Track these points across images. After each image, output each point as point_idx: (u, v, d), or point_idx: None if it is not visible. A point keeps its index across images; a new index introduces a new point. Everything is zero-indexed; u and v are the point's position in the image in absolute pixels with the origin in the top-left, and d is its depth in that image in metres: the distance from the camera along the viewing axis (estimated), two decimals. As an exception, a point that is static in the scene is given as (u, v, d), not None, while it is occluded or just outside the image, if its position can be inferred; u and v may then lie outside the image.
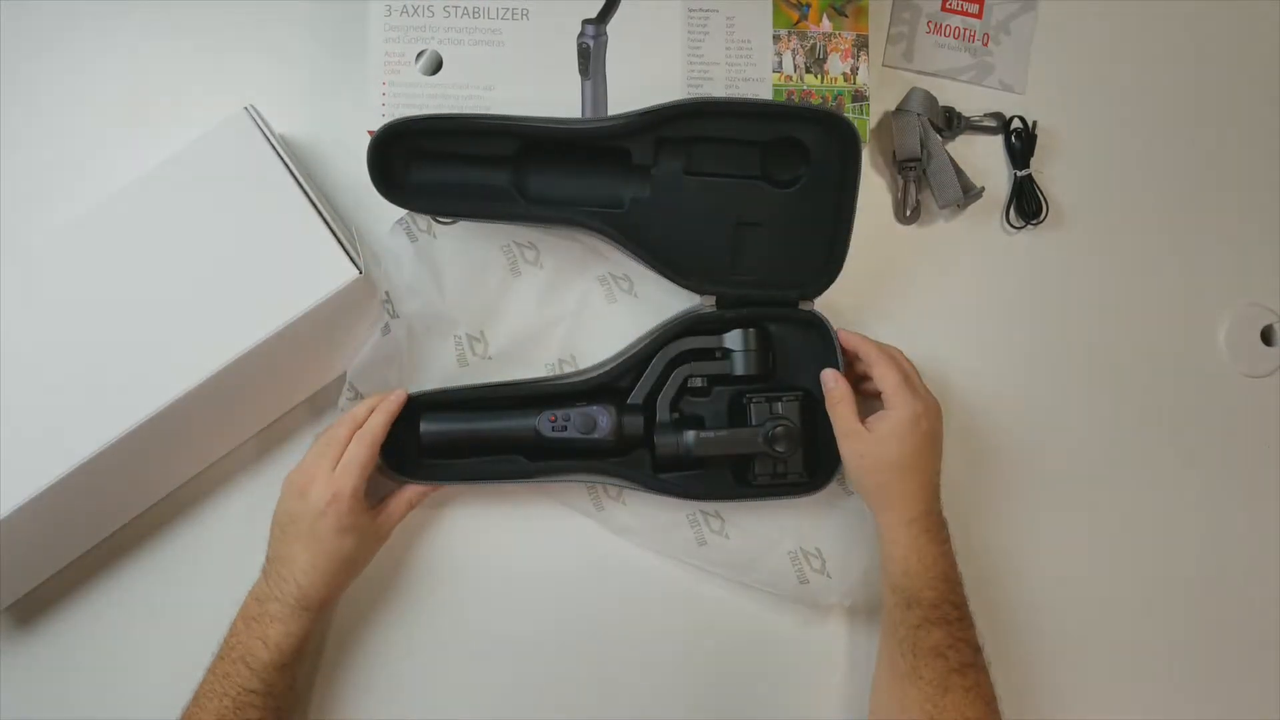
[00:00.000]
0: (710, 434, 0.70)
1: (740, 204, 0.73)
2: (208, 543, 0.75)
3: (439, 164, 0.71)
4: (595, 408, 0.70)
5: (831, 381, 0.70)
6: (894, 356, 0.71)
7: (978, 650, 0.65)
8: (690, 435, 0.70)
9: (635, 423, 0.71)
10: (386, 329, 0.74)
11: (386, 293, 0.74)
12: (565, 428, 0.70)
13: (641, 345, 0.73)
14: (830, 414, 0.70)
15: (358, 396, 0.73)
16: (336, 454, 0.67)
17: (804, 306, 0.74)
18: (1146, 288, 0.83)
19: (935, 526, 0.67)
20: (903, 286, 0.81)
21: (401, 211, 0.74)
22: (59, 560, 0.73)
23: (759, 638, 0.76)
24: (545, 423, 0.70)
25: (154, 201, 0.69)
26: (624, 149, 0.71)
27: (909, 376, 0.69)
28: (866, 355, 0.70)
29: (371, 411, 0.69)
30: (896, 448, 0.67)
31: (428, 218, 0.76)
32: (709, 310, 0.74)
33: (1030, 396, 0.81)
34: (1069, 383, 0.82)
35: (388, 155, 0.70)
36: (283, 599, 0.65)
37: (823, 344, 0.73)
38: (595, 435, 0.70)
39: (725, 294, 0.74)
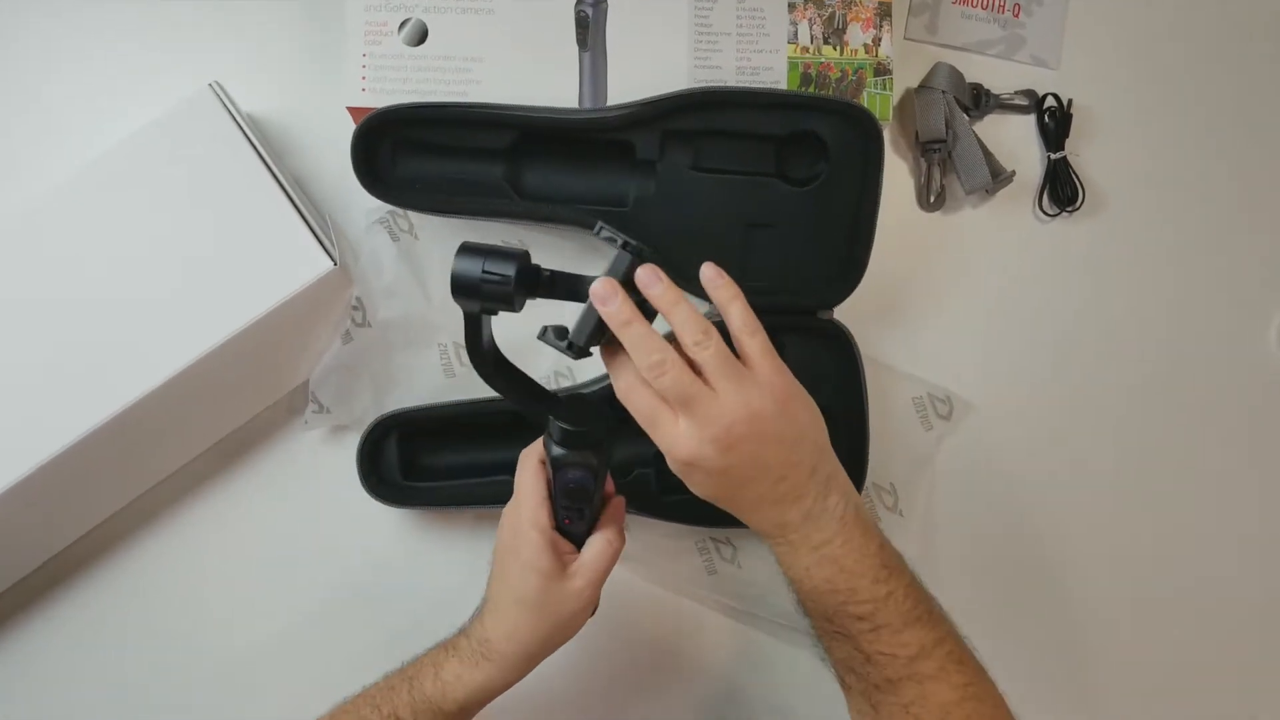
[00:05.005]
0: None
1: (753, 203, 0.70)
2: (169, 555, 0.73)
3: (427, 156, 0.70)
4: (579, 473, 0.55)
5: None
6: (684, 326, 0.52)
7: (918, 658, 0.52)
8: None
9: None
10: (348, 336, 0.72)
11: (357, 298, 0.72)
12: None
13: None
14: None
15: (322, 409, 0.71)
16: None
17: (823, 316, 0.72)
18: (1191, 280, 0.80)
19: (798, 540, 0.53)
20: (925, 278, 0.78)
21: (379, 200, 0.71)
22: (11, 574, 0.71)
23: (773, 672, 0.74)
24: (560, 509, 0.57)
25: (109, 188, 0.67)
26: (627, 142, 0.70)
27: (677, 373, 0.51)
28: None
29: None
30: (693, 482, 0.54)
31: (409, 215, 0.74)
32: (719, 319, 0.69)
33: (1065, 395, 0.79)
34: (1107, 380, 0.79)
35: (372, 147, 0.69)
36: (470, 636, 0.58)
37: (844, 356, 0.71)
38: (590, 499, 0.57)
39: (736, 301, 0.71)
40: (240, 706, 0.71)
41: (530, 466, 0.58)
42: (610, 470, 0.63)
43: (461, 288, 0.49)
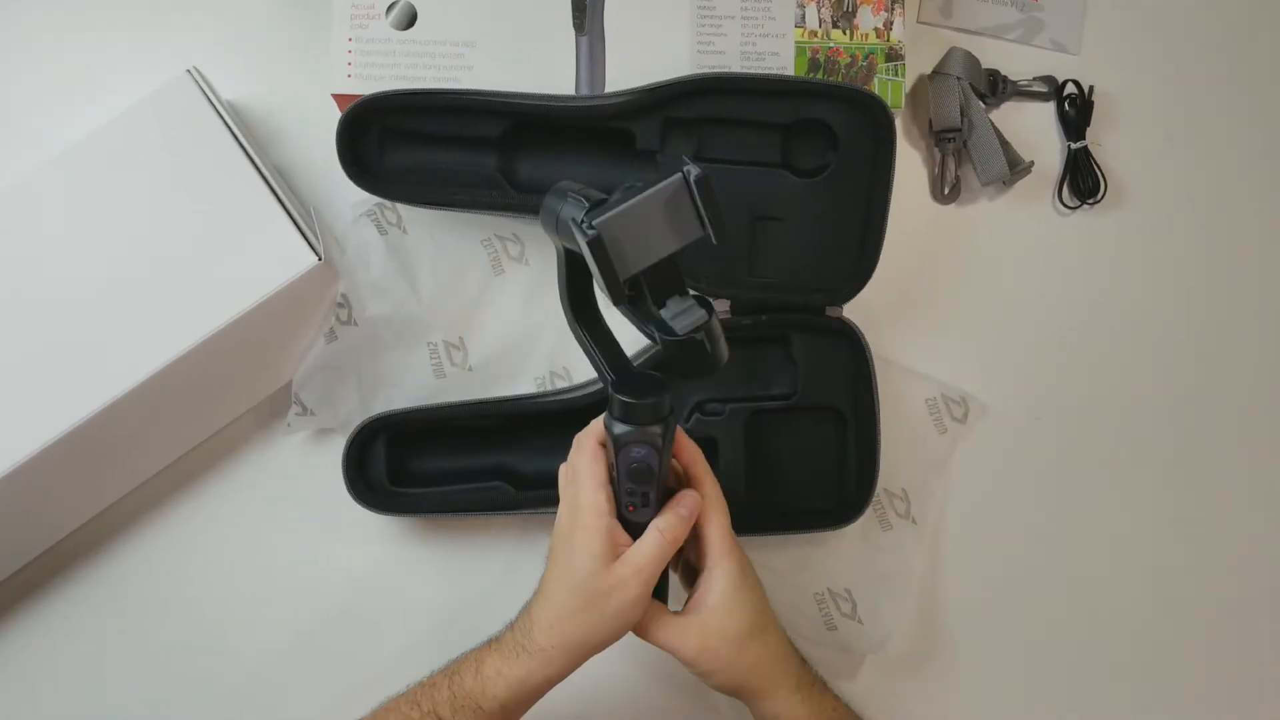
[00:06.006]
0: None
1: (759, 195, 0.70)
2: (148, 564, 0.73)
3: (417, 146, 0.69)
4: (642, 450, 0.54)
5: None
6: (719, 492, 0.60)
7: None
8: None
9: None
10: (333, 335, 0.71)
11: (343, 294, 0.71)
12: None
13: (646, 356, 0.69)
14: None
15: (306, 411, 0.70)
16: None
17: (831, 313, 0.71)
18: (1218, 276, 0.79)
19: (812, 688, 0.59)
20: (939, 273, 0.78)
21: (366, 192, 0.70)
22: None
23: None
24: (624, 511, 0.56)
25: (81, 180, 0.66)
26: (627, 131, 0.69)
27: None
28: (700, 483, 0.59)
29: None
30: (739, 611, 0.57)
31: (398, 207, 0.73)
32: (724, 316, 0.70)
33: (1085, 396, 0.78)
34: (1130, 381, 0.78)
35: (359, 136, 0.68)
36: (514, 627, 0.58)
37: (853, 356, 0.70)
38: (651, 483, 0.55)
39: (742, 298, 0.71)
40: (225, 714, 0.71)
41: (588, 449, 0.56)
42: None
43: (544, 219, 0.53)
